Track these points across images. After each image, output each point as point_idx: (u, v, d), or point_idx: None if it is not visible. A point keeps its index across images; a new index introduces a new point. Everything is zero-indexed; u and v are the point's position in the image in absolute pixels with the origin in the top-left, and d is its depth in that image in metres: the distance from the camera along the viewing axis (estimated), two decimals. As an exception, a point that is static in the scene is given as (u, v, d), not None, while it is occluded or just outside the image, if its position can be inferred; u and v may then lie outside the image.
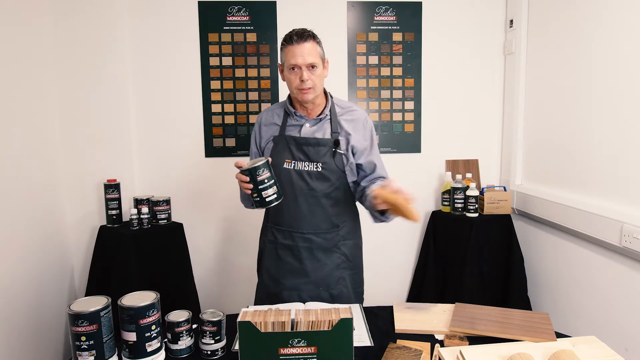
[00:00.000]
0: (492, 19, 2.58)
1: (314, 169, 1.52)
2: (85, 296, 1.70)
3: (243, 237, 2.55)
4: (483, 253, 2.35)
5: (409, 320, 1.37)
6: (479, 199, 2.42)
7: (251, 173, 1.35)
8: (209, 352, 1.20)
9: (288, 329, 1.06)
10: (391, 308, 1.46)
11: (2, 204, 1.81)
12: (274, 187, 1.38)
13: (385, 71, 2.58)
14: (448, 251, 2.45)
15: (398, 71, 2.58)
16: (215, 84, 2.49)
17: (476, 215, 2.38)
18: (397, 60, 2.57)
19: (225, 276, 2.62)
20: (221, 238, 2.61)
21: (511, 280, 2.35)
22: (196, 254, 2.52)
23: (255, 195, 1.37)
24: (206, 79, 2.49)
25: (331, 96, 1.59)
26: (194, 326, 1.28)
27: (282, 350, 1.06)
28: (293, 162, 1.53)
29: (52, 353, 2.14)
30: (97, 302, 1.08)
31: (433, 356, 1.17)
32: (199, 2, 2.43)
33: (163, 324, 1.21)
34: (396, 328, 1.32)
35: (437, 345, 1.22)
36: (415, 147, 2.63)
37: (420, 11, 2.55)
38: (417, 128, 2.62)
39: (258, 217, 1.75)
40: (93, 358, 1.06)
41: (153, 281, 2.14)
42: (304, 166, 1.52)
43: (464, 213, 2.42)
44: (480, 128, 2.65)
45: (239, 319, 1.06)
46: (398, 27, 2.55)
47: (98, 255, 2.21)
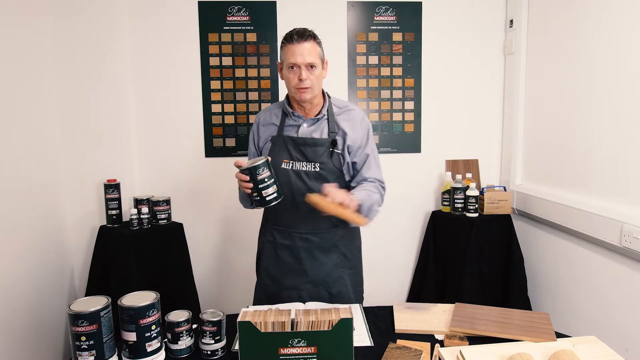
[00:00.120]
0: (492, 19, 2.58)
1: (312, 169, 1.52)
2: (85, 296, 1.70)
3: (243, 237, 2.55)
4: (483, 253, 2.35)
5: (409, 320, 1.37)
6: (479, 199, 2.41)
7: (251, 172, 1.35)
8: (209, 352, 1.20)
9: (288, 329, 1.06)
10: (391, 308, 1.46)
11: (2, 204, 1.81)
12: (274, 186, 1.38)
13: (385, 71, 2.58)
14: (448, 251, 2.45)
15: (398, 71, 2.58)
16: (215, 84, 2.49)
17: (476, 215, 2.38)
18: (397, 60, 2.57)
19: (225, 276, 2.63)
20: (221, 238, 2.61)
21: (511, 280, 2.35)
22: (196, 254, 2.52)
23: (255, 194, 1.37)
24: (206, 79, 2.49)
25: (329, 96, 1.59)
26: (194, 326, 1.28)
27: (282, 350, 1.06)
28: (291, 162, 1.53)
29: (52, 353, 2.14)
30: (97, 302, 1.08)
31: (433, 356, 1.17)
32: (199, 2, 2.43)
33: (163, 324, 1.21)
34: (396, 328, 1.32)
35: (437, 345, 1.22)
36: (415, 147, 2.63)
37: (420, 11, 2.55)
38: (417, 128, 2.62)
39: (258, 217, 1.75)
40: (93, 358, 1.06)
41: (153, 281, 2.14)
42: (302, 166, 1.52)
43: (464, 213, 2.41)
44: (480, 128, 2.65)
45: (239, 319, 1.06)
46: (398, 27, 2.55)
47: (98, 255, 2.21)
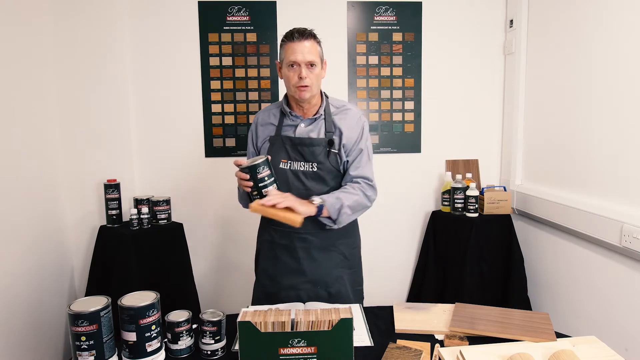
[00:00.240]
0: (492, 19, 2.58)
1: (310, 169, 1.52)
2: (85, 296, 1.70)
3: (243, 237, 2.55)
4: (483, 253, 2.35)
5: (409, 320, 1.37)
6: (479, 199, 2.41)
7: (251, 171, 1.35)
8: (209, 352, 1.20)
9: (288, 329, 1.06)
10: (391, 308, 1.46)
11: (2, 204, 1.81)
12: (274, 185, 1.38)
13: (385, 71, 2.58)
14: (448, 251, 2.45)
15: (398, 71, 2.58)
16: (215, 84, 2.49)
17: (476, 215, 2.38)
18: (397, 60, 2.57)
19: (225, 276, 2.63)
20: (221, 238, 2.61)
21: (511, 280, 2.35)
22: (196, 254, 2.52)
23: (255, 193, 1.37)
24: (206, 79, 2.49)
25: (326, 96, 1.59)
26: (194, 326, 1.28)
27: (282, 350, 1.06)
28: (289, 162, 1.53)
29: (52, 353, 2.14)
30: (97, 302, 1.08)
31: (433, 356, 1.17)
32: (199, 2, 2.43)
33: (163, 324, 1.21)
34: (396, 328, 1.32)
35: (437, 345, 1.22)
36: (415, 147, 2.63)
37: (420, 11, 2.55)
38: (417, 128, 2.62)
39: (257, 217, 1.74)
40: (93, 358, 1.06)
41: (153, 281, 2.14)
42: (300, 166, 1.52)
43: (464, 213, 2.41)
44: (480, 128, 2.65)
45: (239, 319, 1.06)
46: (398, 27, 2.55)
47: (98, 255, 2.21)
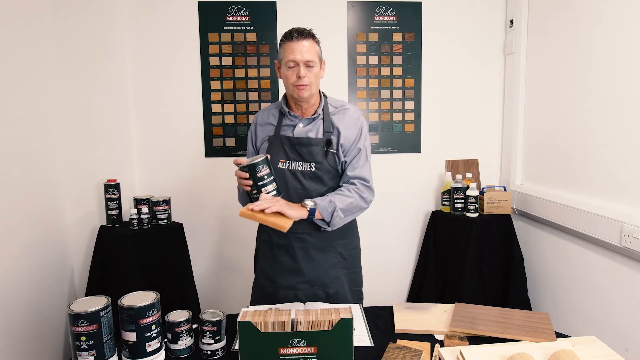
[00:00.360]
0: (492, 19, 2.58)
1: (308, 169, 1.52)
2: (85, 296, 1.70)
3: (243, 237, 2.55)
4: (483, 253, 2.34)
5: (409, 320, 1.37)
6: (479, 199, 2.41)
7: (250, 169, 1.35)
8: (209, 352, 1.20)
9: (288, 329, 1.06)
10: (391, 308, 1.46)
11: (2, 204, 1.81)
12: (274, 184, 1.38)
13: (385, 71, 2.58)
14: (448, 251, 2.45)
15: (398, 71, 2.58)
16: (215, 84, 2.49)
17: (476, 215, 2.38)
18: (397, 60, 2.57)
19: (225, 276, 2.63)
20: (221, 238, 2.61)
21: (511, 280, 2.35)
22: (196, 254, 2.52)
23: (254, 191, 1.38)
24: (206, 79, 2.49)
25: (325, 96, 1.59)
26: (194, 326, 1.28)
27: (282, 350, 1.06)
28: (287, 162, 1.53)
29: (52, 353, 2.14)
30: (97, 302, 1.08)
31: (433, 356, 1.17)
32: (199, 2, 2.43)
33: (163, 324, 1.21)
34: (396, 328, 1.32)
35: (437, 345, 1.22)
36: (415, 147, 2.63)
37: (420, 11, 2.55)
38: (417, 128, 2.62)
39: (258, 217, 1.75)
40: (93, 358, 1.06)
41: (153, 281, 2.14)
42: (298, 166, 1.52)
43: (464, 213, 2.41)
44: (480, 128, 2.65)
45: (239, 319, 1.06)
46: (398, 27, 2.55)
47: (98, 255, 2.21)
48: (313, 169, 1.52)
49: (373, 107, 2.59)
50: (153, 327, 1.12)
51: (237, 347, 1.11)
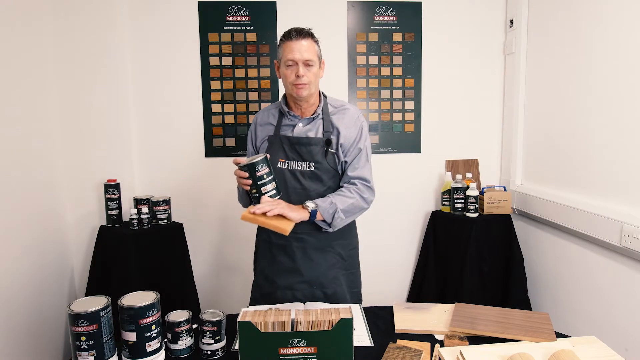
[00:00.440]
0: (492, 19, 2.58)
1: (307, 169, 1.52)
2: (85, 296, 1.70)
3: (243, 237, 2.55)
4: (483, 253, 2.34)
5: (409, 320, 1.37)
6: (479, 199, 2.41)
7: (250, 169, 1.36)
8: (209, 352, 1.20)
9: (288, 329, 1.06)
10: (391, 308, 1.46)
11: (2, 204, 1.81)
12: (273, 183, 1.39)
13: (385, 71, 2.58)
14: (448, 251, 2.45)
15: (398, 71, 2.58)
16: (215, 84, 2.49)
17: (476, 215, 2.38)
18: (397, 60, 2.57)
19: (225, 276, 2.63)
20: (221, 238, 2.61)
21: (511, 280, 2.35)
22: (196, 254, 2.52)
23: (254, 191, 1.38)
24: (206, 79, 2.49)
25: (325, 96, 1.59)
26: (194, 326, 1.28)
27: (282, 350, 1.06)
28: (287, 162, 1.53)
29: (52, 353, 2.14)
30: (97, 302, 1.08)
31: (433, 356, 1.17)
32: (199, 2, 2.43)
33: (163, 324, 1.21)
34: (396, 328, 1.32)
35: (437, 345, 1.22)
36: (415, 147, 2.63)
37: (420, 11, 2.55)
38: (417, 128, 2.62)
39: (258, 217, 1.75)
40: (93, 358, 1.06)
41: (153, 281, 2.14)
42: (297, 166, 1.52)
43: (464, 213, 2.41)
44: (480, 128, 2.65)
45: (239, 319, 1.06)
46: (398, 27, 2.55)
47: (98, 255, 2.21)
48: (312, 169, 1.52)
49: (373, 107, 2.59)
50: (153, 327, 1.12)
51: (237, 347, 1.11)
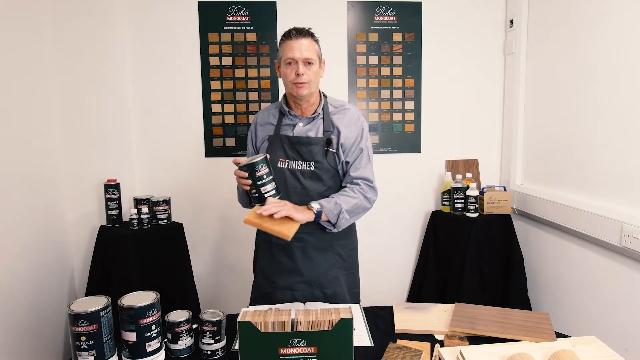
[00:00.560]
0: (492, 19, 2.58)
1: (307, 168, 1.52)
2: (85, 296, 1.70)
3: (243, 237, 2.55)
4: (483, 253, 2.34)
5: (409, 320, 1.37)
6: (479, 199, 2.41)
7: (249, 169, 1.36)
8: (209, 352, 1.20)
9: (288, 329, 1.06)
10: (391, 308, 1.46)
11: (3, 204, 1.81)
12: (273, 183, 1.39)
13: (385, 71, 2.58)
14: (448, 251, 2.45)
15: (398, 71, 2.58)
16: (215, 84, 2.49)
17: (476, 215, 2.38)
18: (397, 60, 2.57)
19: (225, 276, 2.63)
20: (221, 238, 2.61)
21: (511, 280, 2.35)
22: (196, 254, 2.52)
23: (254, 191, 1.38)
24: (206, 79, 2.49)
25: (325, 96, 1.59)
26: (194, 326, 1.28)
27: (282, 350, 1.06)
28: (287, 162, 1.53)
29: (52, 353, 2.14)
30: (97, 302, 1.08)
31: (433, 356, 1.17)
32: (199, 2, 2.43)
33: (163, 324, 1.21)
34: (396, 328, 1.32)
35: (437, 345, 1.22)
36: (415, 147, 2.63)
37: (420, 11, 2.55)
38: (417, 128, 2.62)
39: (258, 217, 1.75)
40: (93, 358, 1.06)
41: (153, 281, 2.14)
42: (298, 165, 1.52)
43: (464, 213, 2.41)
44: (480, 128, 2.65)
45: (239, 319, 1.06)
46: (398, 27, 2.55)
47: (98, 255, 2.21)
48: (312, 168, 1.52)
49: (373, 107, 2.59)
50: (153, 327, 1.12)
51: (237, 347, 1.10)
